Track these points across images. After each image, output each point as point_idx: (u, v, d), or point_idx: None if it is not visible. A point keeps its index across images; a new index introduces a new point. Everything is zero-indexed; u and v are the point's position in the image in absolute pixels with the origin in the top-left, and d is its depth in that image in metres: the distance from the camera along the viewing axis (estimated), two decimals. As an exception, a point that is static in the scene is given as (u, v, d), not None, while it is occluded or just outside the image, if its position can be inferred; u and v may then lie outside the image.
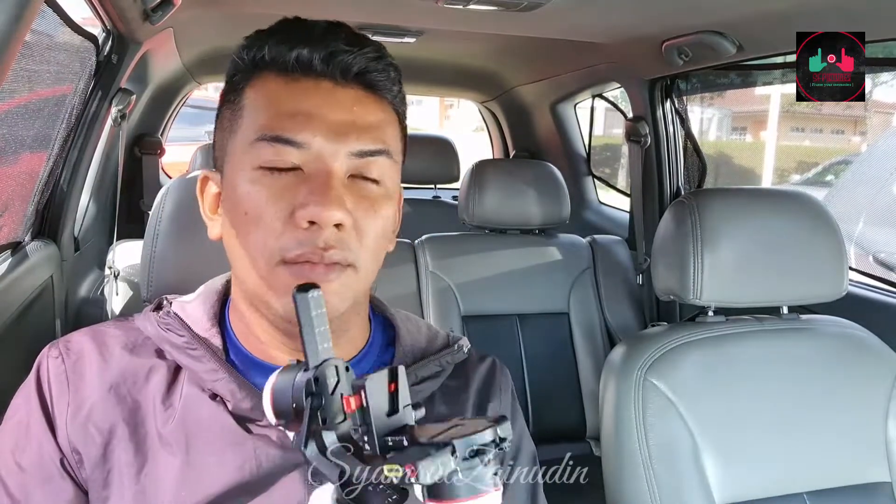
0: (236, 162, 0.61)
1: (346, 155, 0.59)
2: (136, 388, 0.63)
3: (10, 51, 0.61)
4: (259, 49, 0.61)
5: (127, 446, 0.61)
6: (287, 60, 0.59)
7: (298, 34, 0.60)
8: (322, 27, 0.61)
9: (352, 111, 0.60)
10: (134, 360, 0.64)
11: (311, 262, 0.57)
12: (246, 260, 0.60)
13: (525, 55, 2.37)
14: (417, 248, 1.89)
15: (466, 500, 0.42)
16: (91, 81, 1.34)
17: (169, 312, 0.67)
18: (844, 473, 1.09)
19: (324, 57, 0.59)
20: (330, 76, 0.60)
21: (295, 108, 0.59)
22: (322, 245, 0.57)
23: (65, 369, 0.63)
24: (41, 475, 0.60)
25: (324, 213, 0.56)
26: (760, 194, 1.27)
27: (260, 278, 0.59)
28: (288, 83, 0.60)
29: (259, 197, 0.58)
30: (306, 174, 0.59)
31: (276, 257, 0.58)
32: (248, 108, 0.61)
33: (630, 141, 2.07)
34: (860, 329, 1.19)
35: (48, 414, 0.62)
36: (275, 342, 0.64)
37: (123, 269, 1.56)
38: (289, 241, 0.57)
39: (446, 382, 0.71)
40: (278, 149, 0.58)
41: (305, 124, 0.58)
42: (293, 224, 0.57)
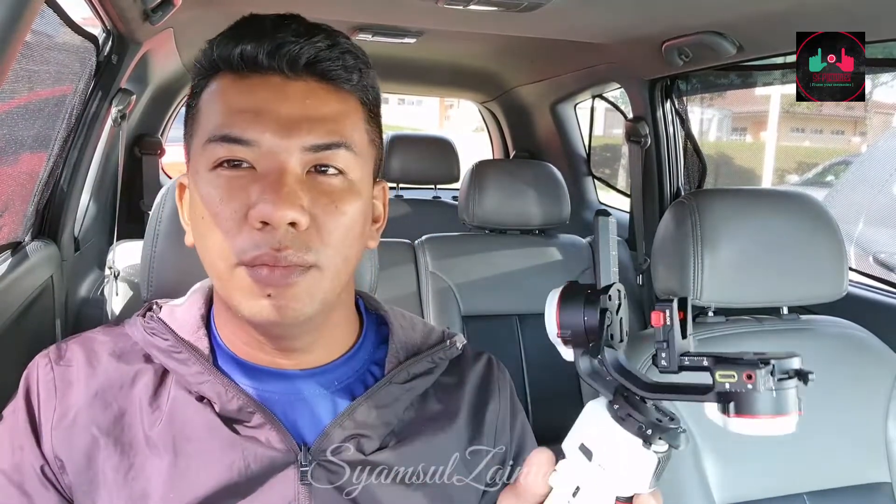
0: (194, 165, 0.60)
1: (299, 150, 0.57)
2: (122, 393, 0.63)
3: (10, 51, 0.61)
4: (212, 51, 0.59)
5: (113, 450, 0.60)
6: (232, 57, 0.58)
7: (247, 31, 0.58)
8: (272, 21, 0.59)
9: (304, 104, 0.58)
10: (121, 366, 0.64)
11: (267, 264, 0.55)
12: (208, 264, 0.59)
13: (525, 55, 2.37)
14: (417, 249, 1.89)
15: (777, 416, 0.42)
16: (91, 82, 1.34)
17: (153, 317, 0.67)
18: (844, 474, 1.09)
19: (269, 51, 0.57)
20: (278, 70, 0.58)
21: (243, 105, 0.57)
22: (277, 246, 0.55)
23: (53, 377, 0.63)
24: (21, 482, 0.60)
25: (276, 212, 0.54)
26: (760, 195, 1.27)
27: (224, 281, 0.58)
28: (236, 81, 0.58)
29: (214, 198, 0.57)
30: (259, 173, 0.57)
31: (234, 259, 0.56)
32: (202, 110, 0.60)
33: (630, 141, 2.07)
34: (860, 329, 1.19)
35: (34, 421, 0.62)
36: (254, 342, 0.63)
37: (123, 269, 1.56)
38: (244, 242, 0.56)
39: (441, 379, 0.70)
40: (229, 148, 0.57)
41: (253, 121, 0.56)
42: (248, 225, 0.55)
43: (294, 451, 0.61)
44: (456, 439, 0.68)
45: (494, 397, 0.72)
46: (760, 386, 0.41)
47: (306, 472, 0.61)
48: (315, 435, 0.63)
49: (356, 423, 0.63)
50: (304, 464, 0.61)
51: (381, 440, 0.64)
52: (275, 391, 0.64)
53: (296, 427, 0.63)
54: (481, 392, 0.72)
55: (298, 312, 0.57)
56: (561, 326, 0.50)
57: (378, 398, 0.65)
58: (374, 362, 0.69)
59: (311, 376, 0.65)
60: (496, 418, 0.71)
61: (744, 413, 0.42)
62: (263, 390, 0.64)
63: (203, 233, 0.59)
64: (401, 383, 0.66)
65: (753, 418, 0.42)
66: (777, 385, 0.42)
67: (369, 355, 0.69)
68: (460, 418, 0.69)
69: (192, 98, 0.62)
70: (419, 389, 0.68)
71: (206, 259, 0.59)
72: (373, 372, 0.68)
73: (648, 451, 0.47)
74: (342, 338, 0.68)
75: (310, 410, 0.64)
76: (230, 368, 0.65)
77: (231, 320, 0.64)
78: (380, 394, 0.65)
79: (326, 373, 0.66)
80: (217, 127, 0.57)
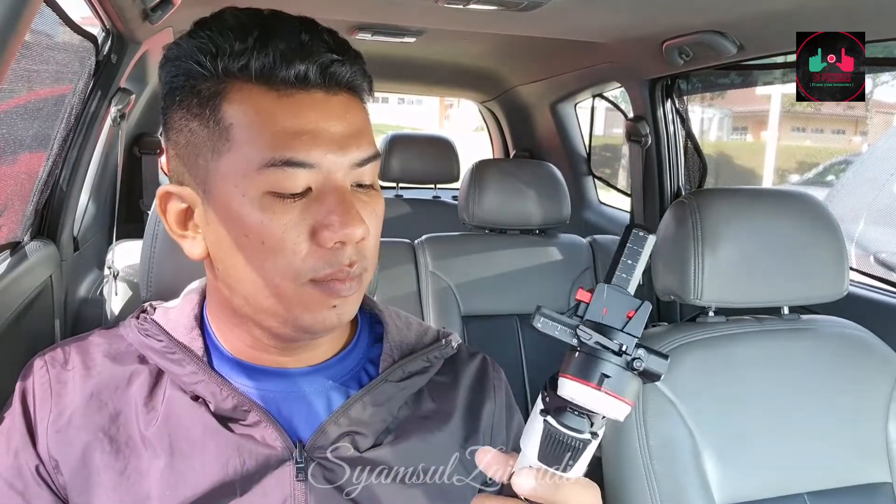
0: (235, 186, 0.57)
1: (349, 167, 0.58)
2: (117, 394, 0.63)
3: (9, 51, 0.60)
4: (232, 58, 0.56)
5: (108, 450, 0.61)
6: (284, 77, 0.56)
7: (279, 41, 0.56)
8: (296, 29, 0.57)
9: (346, 120, 0.58)
10: (116, 367, 0.65)
11: (338, 279, 0.58)
12: (263, 284, 0.59)
13: (525, 55, 2.37)
14: (417, 249, 1.88)
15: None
16: (90, 81, 1.34)
17: (147, 319, 0.67)
18: (845, 474, 1.08)
19: (320, 70, 0.56)
20: (322, 87, 0.57)
21: (298, 126, 0.56)
22: (348, 262, 0.58)
23: (49, 379, 0.63)
24: (19, 480, 0.61)
25: (350, 232, 0.56)
26: (761, 194, 1.26)
27: (285, 299, 0.59)
28: (280, 98, 0.56)
29: (276, 224, 0.56)
30: (317, 193, 0.57)
31: (305, 278, 0.58)
32: (236, 126, 0.56)
33: (630, 141, 2.07)
34: (861, 329, 1.19)
35: (30, 423, 0.62)
36: (259, 344, 0.64)
37: (123, 269, 1.56)
38: (316, 262, 0.57)
39: (435, 378, 0.70)
40: (290, 172, 0.56)
41: (312, 142, 0.56)
42: (317, 244, 0.57)
43: (289, 448, 0.62)
44: (450, 438, 0.68)
45: (490, 397, 0.72)
46: None
47: (302, 469, 0.61)
48: (310, 432, 0.63)
49: (351, 420, 0.64)
50: (300, 461, 0.62)
51: (376, 437, 0.65)
52: (269, 389, 0.65)
53: (291, 424, 0.64)
54: (476, 392, 0.72)
55: (350, 315, 0.62)
56: None
57: (373, 396, 0.65)
58: (369, 360, 0.69)
59: (305, 374, 0.66)
60: (491, 418, 0.72)
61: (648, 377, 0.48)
62: (258, 388, 0.64)
63: (256, 255, 0.58)
64: (396, 381, 0.67)
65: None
66: None
67: (364, 353, 0.70)
68: (455, 417, 0.69)
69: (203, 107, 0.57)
70: (414, 388, 0.68)
71: (257, 280, 0.59)
72: (367, 370, 0.69)
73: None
74: (339, 335, 0.69)
75: (304, 408, 0.65)
76: (225, 368, 0.65)
77: (239, 325, 0.64)
78: (375, 391, 0.65)
79: (321, 370, 0.66)
80: (274, 150, 0.55)
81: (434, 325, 0.77)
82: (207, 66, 0.57)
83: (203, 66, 0.57)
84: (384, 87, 3.90)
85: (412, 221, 2.52)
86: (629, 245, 0.50)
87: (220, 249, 0.60)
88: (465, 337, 1.79)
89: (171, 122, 0.61)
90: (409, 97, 11.91)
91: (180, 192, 0.61)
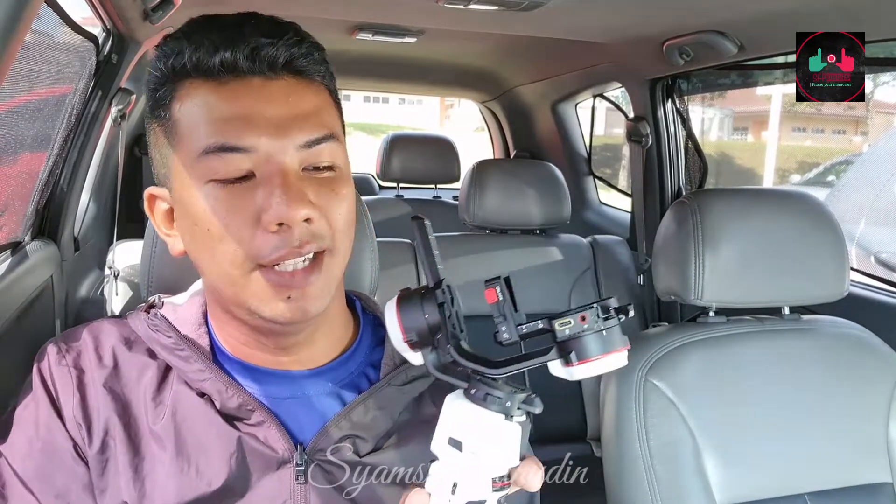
0: (185, 179, 0.59)
1: (294, 149, 0.58)
2: (128, 386, 0.64)
3: (9, 51, 0.60)
4: (177, 58, 0.58)
5: (121, 440, 0.62)
6: (211, 65, 0.57)
7: (214, 33, 0.58)
8: (235, 21, 0.59)
9: (288, 103, 0.58)
10: (127, 357, 0.65)
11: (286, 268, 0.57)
12: (218, 273, 0.59)
13: (526, 55, 2.37)
14: (417, 249, 1.88)
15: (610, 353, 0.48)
16: (91, 81, 1.34)
17: (157, 314, 0.67)
18: (845, 474, 1.08)
19: (247, 54, 0.57)
20: (258, 72, 0.58)
21: (231, 112, 0.57)
22: (297, 244, 0.57)
23: (66, 363, 0.64)
24: (55, 464, 0.61)
25: (290, 212, 0.55)
26: (762, 194, 1.26)
27: (238, 287, 0.59)
28: (216, 88, 0.57)
29: (219, 211, 0.57)
30: (260, 177, 0.57)
31: (251, 264, 0.57)
32: (181, 121, 0.59)
33: (631, 141, 2.07)
34: (861, 329, 1.18)
35: (56, 405, 0.63)
36: (254, 343, 0.64)
37: (123, 269, 1.56)
38: (262, 246, 0.57)
39: (437, 382, 0.70)
40: (226, 158, 0.57)
41: (246, 127, 0.57)
42: (262, 229, 0.56)
43: (290, 450, 0.62)
44: None
45: None
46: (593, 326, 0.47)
47: (302, 472, 0.62)
48: (312, 434, 0.63)
49: (352, 424, 0.64)
50: (300, 463, 0.62)
51: (376, 442, 0.65)
52: (273, 391, 0.65)
53: (293, 427, 0.64)
54: None
55: (318, 308, 0.60)
56: (406, 331, 0.52)
57: (376, 399, 0.65)
58: (371, 364, 0.69)
59: (309, 377, 0.66)
60: None
61: (583, 358, 0.48)
62: (263, 390, 0.65)
63: (207, 244, 0.58)
64: (399, 386, 0.67)
65: (592, 360, 0.48)
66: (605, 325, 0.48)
67: (366, 357, 0.69)
68: None
69: (159, 109, 0.60)
70: (415, 392, 0.68)
71: (214, 269, 0.59)
72: (368, 374, 0.68)
73: (512, 423, 0.50)
74: (339, 336, 0.69)
75: (307, 411, 0.65)
76: (231, 368, 0.66)
77: (230, 322, 0.64)
78: (377, 395, 0.65)
79: (324, 373, 0.66)
80: (209, 138, 0.57)
81: None
82: (161, 69, 0.59)
83: (157, 70, 0.60)
84: (384, 87, 3.89)
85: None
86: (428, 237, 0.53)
87: (186, 243, 0.62)
88: (466, 337, 1.78)
89: (147, 130, 0.63)
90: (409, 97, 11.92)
91: (160, 192, 0.64)
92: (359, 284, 0.89)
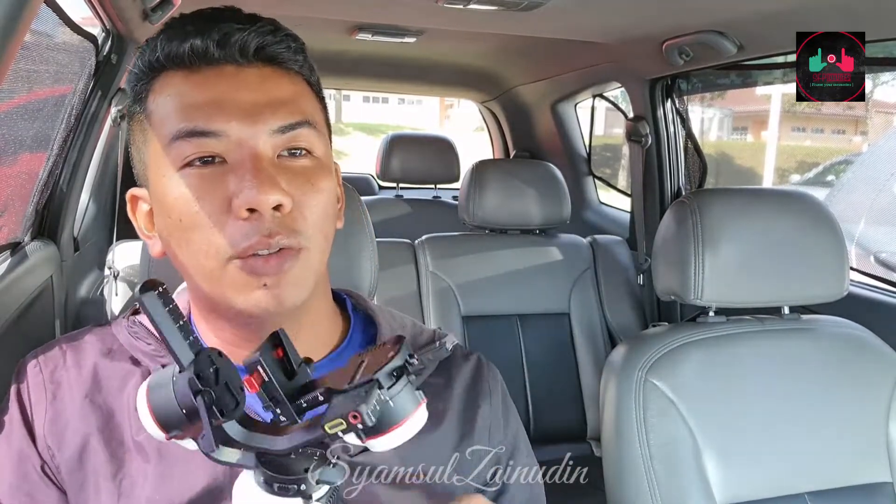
0: (157, 169, 0.58)
1: (267, 134, 0.57)
2: (110, 395, 0.63)
3: (9, 51, 0.60)
4: (152, 51, 0.58)
5: (102, 453, 0.61)
6: (182, 53, 0.57)
7: (187, 26, 0.57)
8: (209, 13, 0.58)
9: (261, 89, 0.58)
10: (108, 366, 0.64)
11: (260, 254, 0.55)
12: (194, 266, 0.58)
13: (525, 55, 2.37)
14: (417, 249, 1.88)
15: (405, 421, 0.43)
16: (90, 81, 1.34)
17: (135, 321, 0.66)
18: (845, 474, 1.08)
19: (218, 41, 0.56)
20: (230, 59, 0.57)
21: (203, 98, 0.56)
22: (267, 233, 0.55)
23: (42, 378, 0.63)
24: (25, 482, 0.61)
25: (259, 196, 0.54)
26: (761, 194, 1.26)
27: (214, 280, 0.57)
28: (188, 76, 0.57)
29: (190, 197, 0.56)
30: (231, 163, 0.56)
31: (226, 254, 0.56)
32: (154, 112, 0.58)
33: (631, 141, 2.07)
34: (861, 329, 1.19)
35: (27, 422, 0.62)
36: (238, 340, 0.63)
37: (123, 269, 1.56)
38: (233, 234, 0.55)
39: (429, 380, 0.69)
40: (196, 143, 0.56)
41: (217, 111, 0.56)
42: (233, 216, 0.55)
43: None
44: (445, 440, 0.67)
45: (486, 399, 0.71)
46: (370, 419, 0.41)
47: None
48: None
49: None
50: None
51: None
52: None
53: None
54: (471, 393, 0.71)
55: (296, 297, 0.58)
56: (166, 429, 0.45)
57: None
58: None
59: None
60: (488, 420, 0.70)
61: (376, 434, 0.42)
62: None
63: (182, 235, 0.57)
64: None
65: (387, 433, 0.42)
66: (390, 395, 0.42)
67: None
68: (449, 419, 0.68)
69: (136, 104, 0.60)
70: None
71: (190, 262, 0.58)
72: None
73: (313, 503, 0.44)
74: (326, 334, 0.68)
75: None
76: None
77: (216, 320, 0.63)
78: None
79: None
80: (179, 123, 0.56)
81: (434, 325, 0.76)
82: (138, 65, 0.59)
83: (136, 68, 0.60)
84: (384, 88, 3.89)
85: (412, 221, 2.51)
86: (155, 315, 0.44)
87: (164, 241, 0.61)
88: (466, 337, 1.79)
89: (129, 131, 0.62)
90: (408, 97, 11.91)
91: (141, 193, 0.63)
92: (358, 284, 0.88)
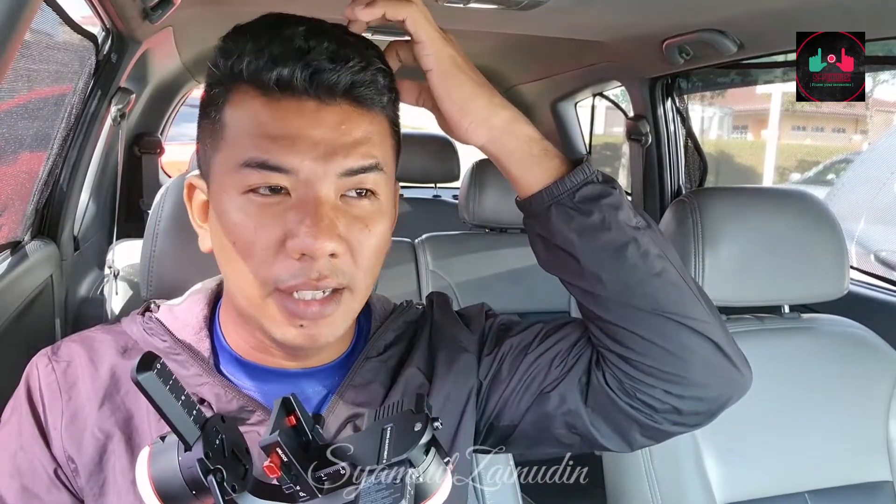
0: (221, 183, 0.58)
1: (335, 176, 0.56)
2: (129, 396, 0.63)
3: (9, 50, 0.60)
4: (237, 60, 0.56)
5: (122, 454, 0.60)
6: (267, 80, 0.55)
7: (276, 46, 0.56)
8: (301, 36, 0.56)
9: (338, 130, 0.57)
10: (126, 365, 0.64)
11: (305, 300, 0.56)
12: (236, 287, 0.59)
13: (525, 54, 2.37)
14: (417, 248, 1.88)
15: (435, 493, 0.44)
16: (90, 80, 1.34)
17: (151, 318, 0.66)
18: (845, 472, 1.08)
19: (306, 77, 0.55)
20: (314, 96, 0.56)
21: (279, 131, 0.56)
22: (316, 276, 0.56)
23: (56, 378, 0.62)
24: (36, 486, 0.60)
25: (315, 244, 0.54)
26: (761, 193, 1.27)
27: (254, 307, 0.58)
28: (269, 103, 0.56)
29: (247, 227, 0.56)
30: (294, 200, 0.56)
31: (269, 287, 0.56)
32: (229, 126, 0.58)
33: (631, 140, 2.07)
34: (861, 328, 1.19)
35: (41, 424, 0.61)
36: (263, 346, 0.63)
37: (123, 268, 1.56)
38: (281, 271, 0.56)
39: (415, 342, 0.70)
40: (266, 175, 0.56)
41: (290, 148, 0.55)
42: (284, 254, 0.55)
43: None
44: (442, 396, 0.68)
45: (451, 329, 0.72)
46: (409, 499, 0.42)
47: None
48: None
49: (347, 406, 0.64)
50: None
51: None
52: (272, 389, 0.64)
53: None
54: (437, 334, 0.71)
55: (330, 336, 0.59)
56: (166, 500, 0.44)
57: (360, 376, 0.65)
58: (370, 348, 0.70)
59: (308, 375, 0.66)
60: (456, 345, 0.71)
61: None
62: (261, 389, 0.64)
63: (232, 257, 0.58)
64: (376, 357, 0.67)
65: None
66: (422, 472, 0.43)
67: (363, 346, 0.70)
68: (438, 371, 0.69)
69: (211, 107, 0.59)
70: (394, 360, 0.68)
71: (234, 282, 0.59)
72: None
73: None
74: (345, 338, 0.69)
75: (309, 407, 0.64)
76: (232, 369, 0.65)
77: (243, 326, 0.64)
78: (360, 371, 0.66)
79: (327, 371, 0.66)
80: (252, 152, 0.56)
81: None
82: (219, 66, 0.58)
83: (215, 66, 0.58)
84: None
85: (412, 220, 2.51)
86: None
87: (214, 246, 0.62)
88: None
89: (200, 122, 0.62)
90: (409, 96, 11.85)
91: (200, 184, 0.63)
92: (359, 284, 0.88)
